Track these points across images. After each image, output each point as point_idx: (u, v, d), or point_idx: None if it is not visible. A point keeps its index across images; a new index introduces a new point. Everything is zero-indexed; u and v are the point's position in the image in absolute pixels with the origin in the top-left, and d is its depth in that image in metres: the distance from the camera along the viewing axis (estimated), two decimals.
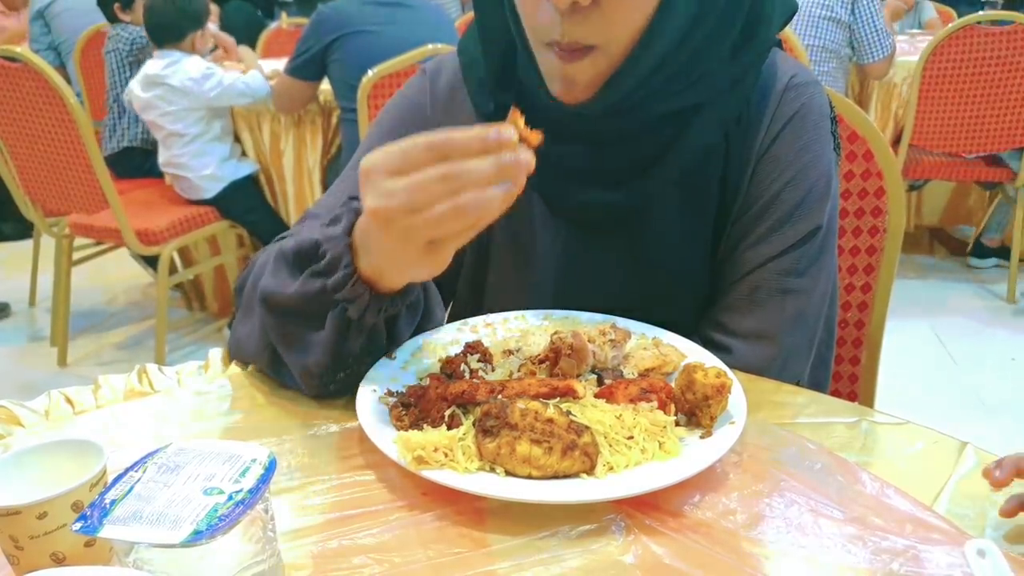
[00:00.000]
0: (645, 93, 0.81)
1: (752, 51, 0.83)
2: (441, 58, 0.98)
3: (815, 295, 0.88)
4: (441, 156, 0.59)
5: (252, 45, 3.61)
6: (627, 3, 0.74)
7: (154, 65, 2.72)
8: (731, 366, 0.74)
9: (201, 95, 2.70)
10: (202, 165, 2.77)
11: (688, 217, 0.88)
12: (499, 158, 0.58)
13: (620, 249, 0.90)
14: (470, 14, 3.37)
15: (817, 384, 0.95)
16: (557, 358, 0.73)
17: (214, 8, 4.40)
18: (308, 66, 2.67)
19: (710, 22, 0.78)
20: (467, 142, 0.59)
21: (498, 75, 0.86)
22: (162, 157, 2.82)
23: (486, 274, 0.97)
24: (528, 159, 0.60)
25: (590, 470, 0.61)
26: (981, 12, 3.00)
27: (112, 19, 3.23)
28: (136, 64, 3.11)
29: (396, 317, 0.76)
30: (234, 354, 0.84)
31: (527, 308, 0.88)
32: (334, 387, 0.75)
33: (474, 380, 0.71)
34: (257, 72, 2.83)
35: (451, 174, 0.58)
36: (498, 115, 0.84)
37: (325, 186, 2.91)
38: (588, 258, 0.91)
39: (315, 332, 0.72)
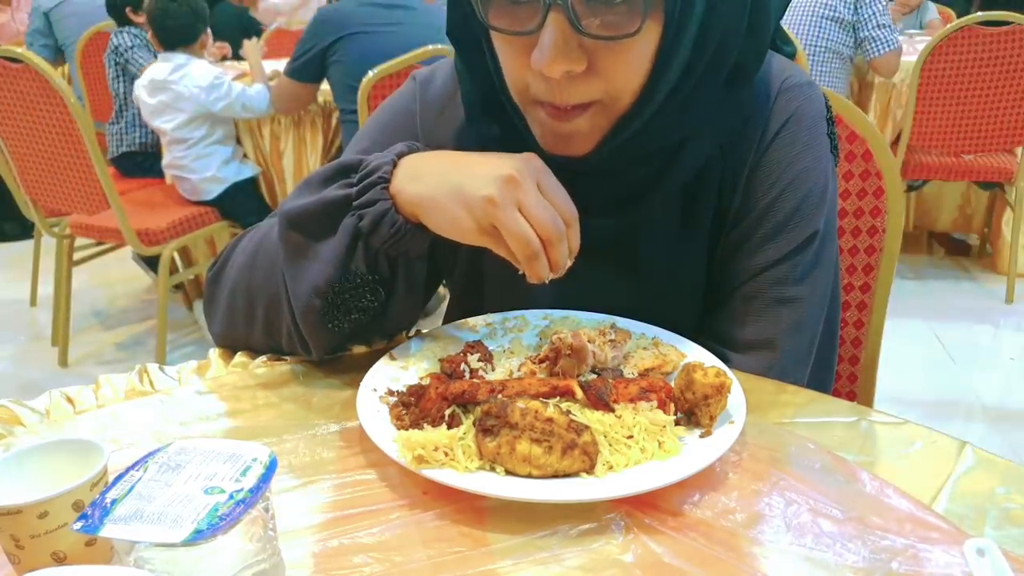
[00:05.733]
0: (641, 139, 0.79)
1: (749, 73, 0.80)
2: (434, 67, 0.96)
3: (813, 301, 0.86)
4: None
5: (237, 44, 3.56)
6: (623, 64, 0.71)
7: (160, 70, 2.71)
8: None
9: (207, 104, 2.69)
10: (204, 167, 2.77)
11: (684, 231, 0.87)
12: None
13: (617, 267, 0.88)
14: None
15: (820, 386, 0.93)
16: (557, 358, 0.73)
17: None
18: (308, 67, 2.67)
19: (705, 60, 0.75)
20: None
21: (484, 108, 0.84)
22: (165, 160, 2.82)
23: (482, 290, 0.96)
24: None
25: (590, 469, 0.62)
26: (979, 13, 2.99)
27: (122, 22, 3.22)
28: (122, 70, 3.11)
29: (395, 277, 0.77)
30: (222, 339, 0.87)
31: None
32: (333, 327, 0.76)
33: (474, 380, 0.71)
34: (262, 88, 2.80)
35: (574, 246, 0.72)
36: (486, 146, 0.80)
37: None
38: (585, 276, 0.88)
39: (326, 241, 0.73)
